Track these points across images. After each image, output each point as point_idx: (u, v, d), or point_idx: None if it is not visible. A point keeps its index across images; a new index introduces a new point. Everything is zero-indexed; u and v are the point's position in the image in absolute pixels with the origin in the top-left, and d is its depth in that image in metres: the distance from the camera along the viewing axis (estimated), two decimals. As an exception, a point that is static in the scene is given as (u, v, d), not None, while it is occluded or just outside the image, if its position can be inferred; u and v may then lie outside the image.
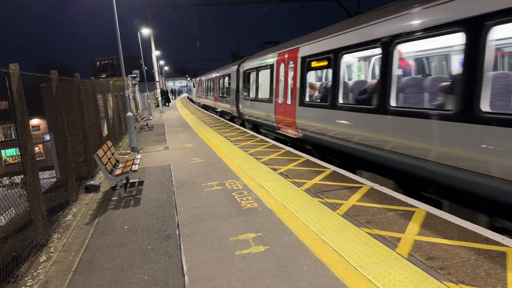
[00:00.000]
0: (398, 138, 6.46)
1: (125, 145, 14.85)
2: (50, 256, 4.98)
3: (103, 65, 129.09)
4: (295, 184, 7.13)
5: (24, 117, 5.13)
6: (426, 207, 5.45)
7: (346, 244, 4.49)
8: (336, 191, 6.50)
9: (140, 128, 19.43)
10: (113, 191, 7.88)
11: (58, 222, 6.23)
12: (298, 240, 4.71)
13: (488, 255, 3.95)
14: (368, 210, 5.49)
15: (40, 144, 10.03)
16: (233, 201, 6.43)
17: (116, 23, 13.33)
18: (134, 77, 26.93)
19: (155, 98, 40.36)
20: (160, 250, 4.80)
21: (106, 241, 5.26)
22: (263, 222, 5.40)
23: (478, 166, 4.96)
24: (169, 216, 6.01)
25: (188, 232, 5.26)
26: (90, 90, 10.66)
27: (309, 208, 5.80)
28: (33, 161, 5.21)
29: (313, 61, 9.71)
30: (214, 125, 18.35)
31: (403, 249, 4.24)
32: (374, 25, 7.13)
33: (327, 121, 8.82)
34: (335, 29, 8.79)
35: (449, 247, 4.19)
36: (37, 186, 5.27)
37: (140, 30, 37.32)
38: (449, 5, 5.38)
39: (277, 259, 4.26)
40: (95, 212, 6.64)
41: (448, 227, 4.70)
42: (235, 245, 4.71)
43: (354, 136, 7.74)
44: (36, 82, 6.65)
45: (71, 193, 7.32)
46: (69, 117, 7.97)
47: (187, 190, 7.39)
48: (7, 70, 4.93)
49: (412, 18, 6.10)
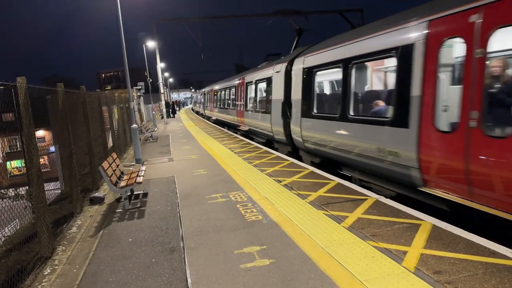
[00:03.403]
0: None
1: (130, 156, 14.90)
2: (54, 269, 4.97)
3: (108, 77, 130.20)
4: (300, 196, 7.10)
5: (31, 130, 5.17)
6: (432, 219, 5.41)
7: (351, 257, 4.46)
8: (341, 204, 6.46)
9: (144, 140, 19.51)
10: (118, 203, 7.89)
11: (63, 234, 6.23)
12: (303, 253, 4.68)
13: (496, 269, 3.90)
14: (373, 223, 5.45)
15: (45, 155, 10.09)
16: (238, 213, 6.41)
17: (122, 36, 13.49)
18: (139, 89, 27.17)
19: (159, 109, 40.59)
20: (164, 263, 4.78)
21: (111, 254, 5.24)
22: (267, 234, 5.37)
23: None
24: (173, 229, 6.00)
25: (192, 245, 5.24)
26: (95, 102, 10.74)
27: (314, 220, 5.77)
28: (39, 173, 5.24)
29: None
30: (218, 137, 18.39)
31: (410, 262, 4.20)
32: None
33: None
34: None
35: (456, 261, 4.14)
36: (42, 198, 5.29)
37: (145, 42, 37.76)
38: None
39: (282, 273, 4.23)
40: (99, 224, 6.64)
41: (454, 240, 4.65)
42: (240, 258, 4.68)
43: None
44: (42, 94, 6.71)
45: (76, 205, 7.33)
46: (75, 129, 8.03)
47: (191, 202, 7.38)
48: (15, 84, 4.98)
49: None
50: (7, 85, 4.91)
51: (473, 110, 5.16)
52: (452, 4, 5.60)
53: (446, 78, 5.97)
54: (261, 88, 16.10)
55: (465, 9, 5.33)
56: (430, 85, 5.97)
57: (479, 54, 5.11)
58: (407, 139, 6.41)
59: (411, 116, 6.32)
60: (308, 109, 10.47)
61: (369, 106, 8.06)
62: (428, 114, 5.99)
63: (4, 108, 4.92)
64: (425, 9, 6.37)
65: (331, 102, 10.09)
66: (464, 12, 5.35)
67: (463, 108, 5.31)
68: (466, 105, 5.26)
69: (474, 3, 5.18)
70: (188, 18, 35.17)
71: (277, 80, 13.35)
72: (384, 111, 7.36)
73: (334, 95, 10.23)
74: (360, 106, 8.48)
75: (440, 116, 5.86)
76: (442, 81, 5.92)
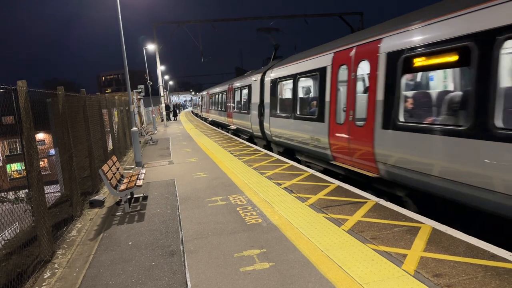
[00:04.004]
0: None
1: (130, 159, 14.90)
2: (54, 273, 4.96)
3: (108, 80, 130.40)
4: (300, 199, 7.11)
5: (31, 133, 5.18)
6: (431, 222, 5.41)
7: (351, 260, 4.46)
8: (341, 206, 6.47)
9: (144, 143, 19.51)
10: (118, 206, 7.89)
11: (63, 237, 6.23)
12: (303, 257, 4.68)
13: (496, 272, 3.90)
14: (373, 226, 5.46)
15: (45, 158, 10.10)
16: (238, 217, 6.41)
17: (122, 39, 13.53)
18: (139, 91, 27.20)
19: (160, 112, 40.66)
20: (164, 267, 4.78)
21: (111, 257, 5.24)
22: (267, 238, 5.37)
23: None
24: (173, 232, 6.00)
25: (192, 248, 5.25)
26: (95, 105, 10.76)
27: (314, 223, 5.77)
28: (39, 176, 5.25)
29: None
30: (218, 140, 18.40)
31: (409, 265, 4.20)
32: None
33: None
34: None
35: (455, 264, 4.15)
36: (42, 201, 5.29)
37: (146, 46, 37.83)
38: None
39: (282, 276, 4.23)
40: (99, 228, 6.64)
41: (454, 243, 4.66)
42: (240, 262, 4.69)
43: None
44: (42, 97, 6.73)
45: (76, 208, 7.33)
46: (75, 132, 8.04)
47: (191, 205, 7.38)
48: (15, 87, 5.00)
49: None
50: (7, 89, 4.92)
51: (351, 110, 8.27)
52: (344, 43, 8.83)
53: (342, 90, 9.02)
54: (244, 94, 19.32)
55: (346, 48, 8.54)
56: (334, 94, 9.11)
57: (353, 76, 8.22)
58: (324, 130, 9.48)
59: (325, 114, 9.42)
60: (273, 110, 13.76)
61: (307, 108, 11.08)
62: (334, 113, 9.09)
63: (5, 111, 4.93)
64: (334, 44, 9.51)
65: (286, 105, 12.73)
66: (346, 49, 8.53)
67: (347, 108, 8.44)
68: (348, 107, 8.41)
69: (350, 45, 8.38)
70: (188, 21, 35.28)
71: (255, 87, 16.69)
72: (314, 111, 10.28)
73: (288, 100, 12.57)
74: (302, 108, 11.44)
75: (339, 114, 9.02)
76: (340, 91, 9.08)
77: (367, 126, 7.54)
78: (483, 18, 5.04)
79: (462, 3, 5.50)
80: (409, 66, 6.47)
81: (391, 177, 7.08)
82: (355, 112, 8.09)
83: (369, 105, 7.53)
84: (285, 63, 12.98)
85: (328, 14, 37.29)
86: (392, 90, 6.82)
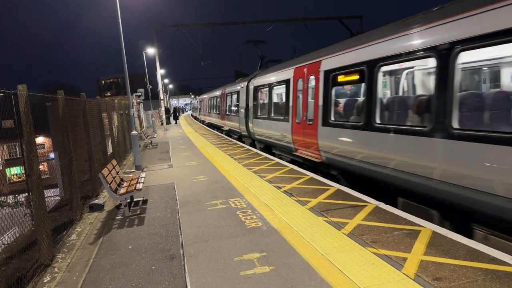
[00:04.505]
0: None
1: (130, 163, 14.90)
2: (54, 277, 4.96)
3: (108, 83, 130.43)
4: (300, 202, 7.11)
5: (31, 138, 5.19)
6: (432, 226, 5.41)
7: (352, 264, 4.46)
8: (341, 210, 6.47)
9: (144, 146, 19.52)
10: (118, 210, 7.88)
11: (63, 241, 6.22)
12: (303, 260, 4.68)
13: (496, 275, 3.90)
14: (373, 229, 5.46)
15: (45, 162, 10.09)
16: (237, 220, 6.41)
17: (122, 43, 13.56)
18: (139, 95, 27.21)
19: (159, 115, 40.71)
20: (164, 271, 4.77)
21: (110, 261, 5.24)
22: (267, 241, 5.37)
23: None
24: (173, 236, 5.99)
25: (192, 252, 5.24)
26: (95, 109, 10.78)
27: (314, 227, 5.77)
28: (39, 180, 5.25)
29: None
30: (217, 143, 18.41)
31: (410, 269, 4.20)
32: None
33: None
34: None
35: (456, 267, 4.14)
36: (42, 205, 5.29)
37: (145, 49, 37.90)
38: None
39: (283, 280, 4.23)
40: (99, 232, 6.63)
41: (454, 247, 4.65)
42: (240, 265, 4.68)
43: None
44: (42, 101, 6.73)
45: (76, 212, 7.33)
46: (75, 136, 8.04)
47: (191, 208, 7.38)
48: (15, 92, 5.01)
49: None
50: (7, 93, 4.93)
51: (304, 112, 10.88)
52: (301, 61, 11.53)
53: (300, 97, 11.40)
54: (234, 99, 22.07)
55: (302, 65, 11.21)
56: (294, 100, 11.68)
57: (306, 86, 10.83)
58: (288, 128, 12.06)
59: (289, 116, 12.02)
60: (255, 113, 16.52)
61: (278, 111, 13.61)
62: (294, 115, 11.66)
63: (5, 115, 4.93)
64: (295, 61, 12.25)
65: (264, 108, 15.47)
66: (301, 66, 11.23)
67: (302, 111, 11.05)
68: (303, 110, 11.03)
69: (304, 63, 11.01)
70: (188, 25, 35.37)
71: (242, 93, 19.46)
72: (282, 113, 12.90)
73: (265, 104, 15.32)
74: (275, 111, 13.97)
75: (298, 115, 11.39)
76: (299, 98, 11.46)
77: (313, 124, 10.03)
78: (361, 55, 7.88)
79: (360, 40, 8.23)
80: (335, 81, 9.08)
81: (329, 162, 9.54)
82: (307, 114, 10.67)
83: (314, 108, 10.03)
84: (264, 74, 15.89)
85: (327, 18, 37.39)
86: (326, 97, 9.31)
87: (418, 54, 6.22)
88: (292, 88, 11.79)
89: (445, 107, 5.58)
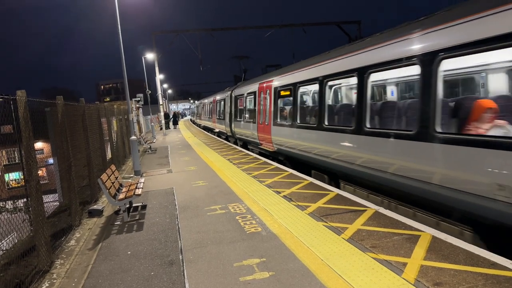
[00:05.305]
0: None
1: (129, 168, 14.88)
2: (52, 283, 4.93)
3: (107, 88, 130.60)
4: (299, 207, 7.09)
5: (30, 143, 5.18)
6: (431, 231, 5.40)
7: (352, 269, 4.44)
8: (340, 215, 6.46)
9: (143, 151, 19.51)
10: (116, 215, 7.86)
11: (61, 247, 6.19)
12: (303, 266, 4.66)
13: (496, 280, 3.89)
14: (373, 234, 5.44)
15: (44, 167, 10.07)
16: (237, 225, 6.39)
17: (121, 48, 13.59)
18: (138, 100, 27.22)
19: (158, 120, 40.76)
20: (163, 277, 4.75)
21: (109, 267, 5.21)
22: (267, 247, 5.35)
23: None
24: (172, 241, 5.97)
25: (191, 258, 5.22)
26: (94, 114, 10.78)
27: (313, 232, 5.76)
28: (38, 186, 5.23)
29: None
30: (216, 148, 18.41)
31: (410, 274, 4.19)
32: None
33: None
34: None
35: (456, 272, 4.13)
36: (41, 211, 5.27)
37: (145, 55, 37.98)
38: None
39: (282, 286, 4.21)
40: (98, 237, 6.61)
41: (454, 251, 4.64)
42: (239, 271, 4.66)
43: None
44: (41, 106, 6.73)
45: (75, 218, 7.30)
46: (74, 141, 8.03)
47: (190, 214, 7.36)
48: (14, 97, 5.01)
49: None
50: (7, 98, 4.93)
51: (264, 115, 14.64)
52: (264, 78, 15.51)
53: (262, 104, 15.04)
54: (222, 105, 25.98)
55: (263, 81, 15.46)
56: (259, 107, 15.50)
57: (265, 97, 14.67)
58: (255, 128, 16.00)
59: (256, 118, 15.88)
60: (236, 116, 20.87)
61: (250, 115, 17.47)
62: (259, 117, 15.36)
63: (3, 120, 4.93)
64: (261, 78, 16.42)
65: (241, 113, 19.43)
66: (263, 82, 15.43)
67: (263, 115, 14.77)
68: (264, 114, 14.71)
69: (265, 79, 15.37)
70: (187, 30, 35.49)
71: (227, 100, 23.51)
72: (252, 117, 16.82)
73: (242, 109, 19.27)
74: (248, 115, 17.81)
75: (261, 118, 14.99)
76: (261, 105, 15.14)
77: (269, 124, 13.87)
78: (290, 79, 12.17)
79: (292, 67, 12.49)
80: (279, 94, 13.10)
81: (279, 151, 13.21)
82: (265, 117, 14.38)
83: (269, 113, 14.01)
84: (242, 86, 20.24)
85: (326, 23, 37.53)
86: (275, 105, 13.43)
87: (313, 81, 10.27)
88: (257, 98, 16.02)
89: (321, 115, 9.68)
